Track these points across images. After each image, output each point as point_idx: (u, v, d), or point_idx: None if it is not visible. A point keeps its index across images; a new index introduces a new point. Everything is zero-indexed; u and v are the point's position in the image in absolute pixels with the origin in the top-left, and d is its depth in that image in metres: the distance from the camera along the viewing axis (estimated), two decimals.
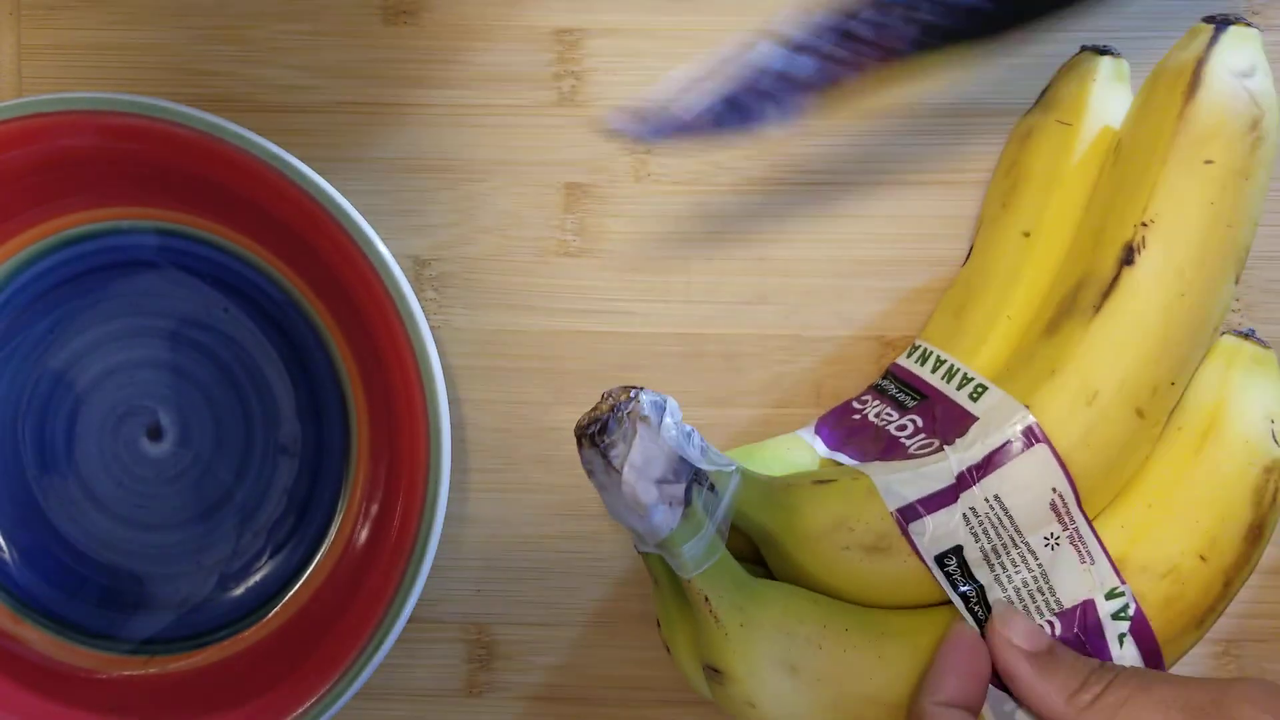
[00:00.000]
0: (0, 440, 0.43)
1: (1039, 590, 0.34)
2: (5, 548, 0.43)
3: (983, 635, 0.34)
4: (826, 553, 0.34)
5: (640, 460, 0.31)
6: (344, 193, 0.39)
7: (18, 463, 0.43)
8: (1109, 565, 0.34)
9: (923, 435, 0.36)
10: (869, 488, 0.34)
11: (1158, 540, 0.35)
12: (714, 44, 0.42)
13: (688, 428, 0.33)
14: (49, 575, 0.43)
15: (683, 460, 0.32)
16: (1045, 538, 0.34)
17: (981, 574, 0.34)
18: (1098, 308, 0.35)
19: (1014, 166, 0.40)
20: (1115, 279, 0.34)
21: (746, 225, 0.43)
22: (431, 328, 0.40)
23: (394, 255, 0.39)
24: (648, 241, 0.43)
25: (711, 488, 0.33)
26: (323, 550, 0.43)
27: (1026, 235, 0.38)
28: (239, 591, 0.43)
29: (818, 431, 0.39)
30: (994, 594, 0.34)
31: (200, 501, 0.43)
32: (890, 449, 0.36)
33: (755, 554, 0.37)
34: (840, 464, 0.37)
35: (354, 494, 0.43)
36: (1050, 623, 0.34)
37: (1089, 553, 0.34)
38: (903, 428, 0.37)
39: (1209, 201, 0.34)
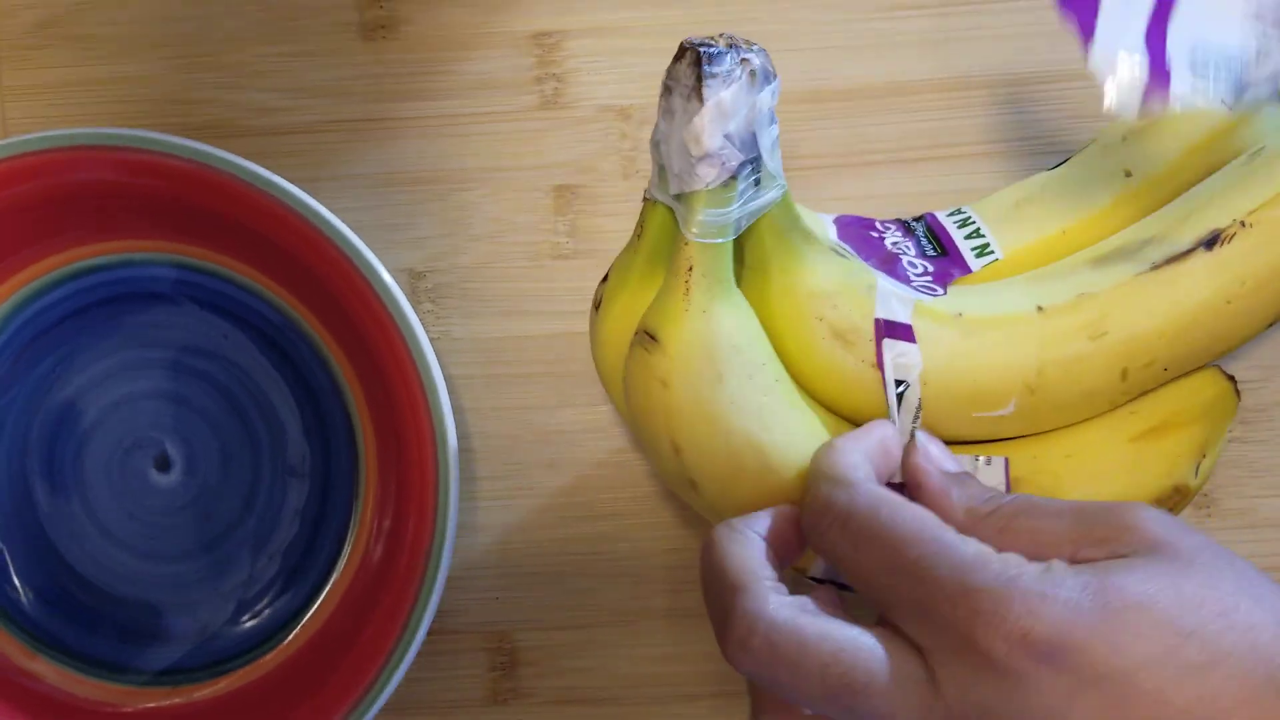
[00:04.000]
0: (11, 479, 0.43)
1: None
2: (20, 588, 0.43)
3: None
4: (802, 312, 0.34)
5: (727, 106, 0.30)
6: (334, 211, 0.39)
7: (29, 501, 0.43)
8: (1004, 476, 0.35)
9: (930, 278, 0.37)
10: (871, 285, 0.35)
11: (1055, 485, 0.36)
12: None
13: (775, 117, 0.32)
14: (66, 612, 0.43)
15: (755, 137, 0.31)
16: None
17: (904, 417, 0.35)
18: (1156, 266, 0.35)
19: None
20: (1188, 253, 0.35)
21: None
22: (431, 339, 0.40)
23: (389, 270, 0.39)
24: None
25: (757, 182, 0.32)
26: (338, 569, 0.43)
27: (1128, 174, 0.38)
28: (258, 616, 0.43)
29: (835, 220, 0.39)
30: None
31: (212, 529, 0.43)
32: (894, 274, 0.37)
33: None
34: (848, 252, 0.37)
35: (365, 511, 0.43)
36: None
37: (990, 457, 0.36)
38: (913, 265, 0.37)
39: None
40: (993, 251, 0.38)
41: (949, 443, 0.35)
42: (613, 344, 0.36)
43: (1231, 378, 0.38)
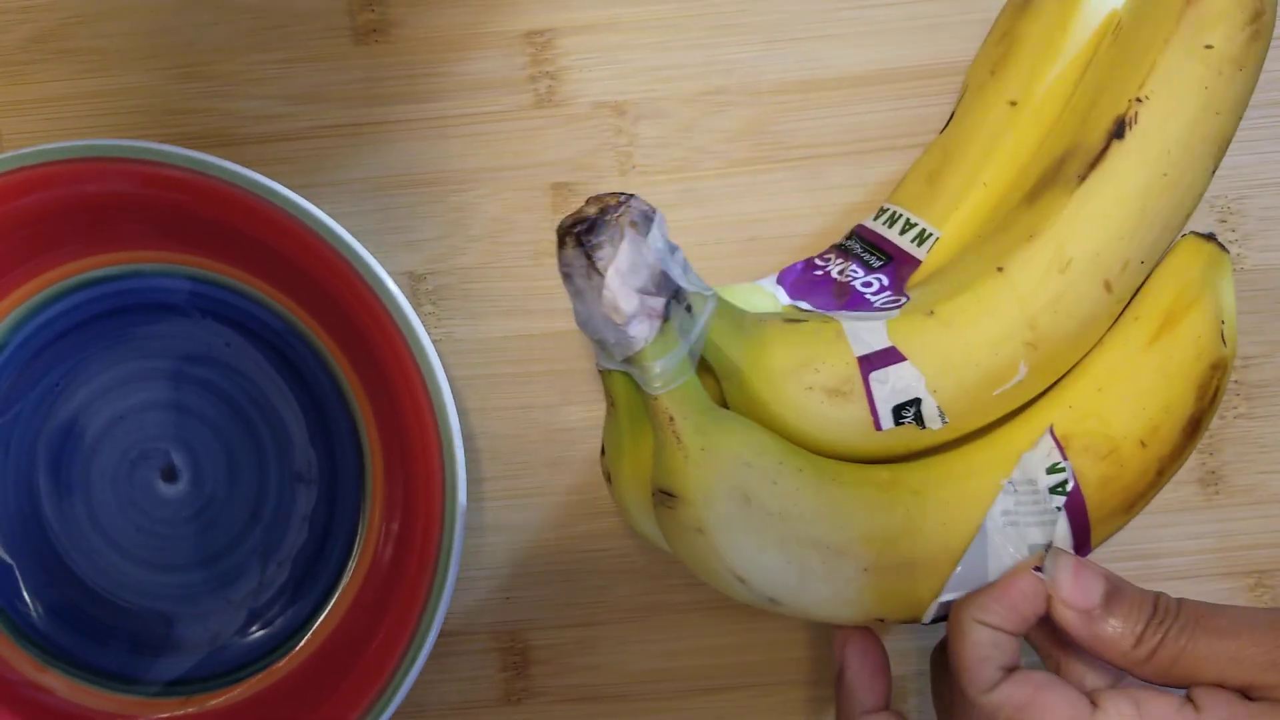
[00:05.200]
0: (18, 493, 0.43)
1: None
2: (30, 602, 0.43)
3: None
4: (790, 391, 0.34)
5: (625, 266, 0.31)
6: (332, 216, 0.39)
7: (37, 515, 0.43)
8: (1052, 441, 0.35)
9: (889, 293, 0.36)
10: (838, 331, 0.35)
11: (1103, 422, 0.35)
12: (682, 31, 0.42)
13: (673, 244, 0.32)
14: (77, 625, 0.43)
15: (665, 275, 0.32)
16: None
17: (935, 428, 0.35)
18: (1082, 178, 0.35)
19: (1007, 35, 0.40)
20: (1103, 151, 0.35)
21: (735, 207, 0.43)
22: (433, 341, 0.40)
23: (389, 273, 0.39)
24: None
25: (689, 309, 0.33)
26: (348, 574, 0.43)
27: (1013, 104, 0.38)
28: (269, 624, 0.43)
29: (779, 282, 0.39)
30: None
31: (221, 537, 0.43)
32: (854, 303, 0.36)
33: (720, 400, 0.37)
34: (806, 309, 0.37)
35: (373, 515, 0.43)
36: None
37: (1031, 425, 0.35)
38: (868, 284, 0.37)
39: (1204, 86, 0.35)
40: (931, 234, 0.38)
41: (987, 429, 0.35)
42: (639, 506, 0.36)
43: (1210, 236, 0.37)
